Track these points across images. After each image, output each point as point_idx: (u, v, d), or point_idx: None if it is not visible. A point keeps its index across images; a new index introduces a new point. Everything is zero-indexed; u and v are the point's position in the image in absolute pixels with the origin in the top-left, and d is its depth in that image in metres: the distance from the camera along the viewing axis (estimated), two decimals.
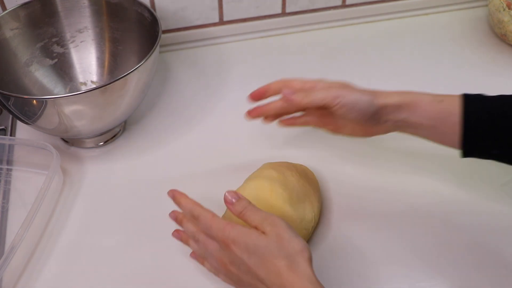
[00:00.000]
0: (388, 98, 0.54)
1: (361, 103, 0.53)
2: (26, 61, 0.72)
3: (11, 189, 0.66)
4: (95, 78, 0.76)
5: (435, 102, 0.52)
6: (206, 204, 0.62)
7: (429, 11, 0.91)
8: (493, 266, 0.56)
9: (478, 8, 0.92)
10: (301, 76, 0.59)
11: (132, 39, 0.74)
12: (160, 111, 0.76)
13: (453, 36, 0.87)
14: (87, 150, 0.70)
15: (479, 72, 0.80)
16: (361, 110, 0.54)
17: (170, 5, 0.81)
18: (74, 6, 0.74)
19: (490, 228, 0.59)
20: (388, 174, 0.65)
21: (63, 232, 0.61)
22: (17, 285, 0.56)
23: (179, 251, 0.58)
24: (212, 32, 0.86)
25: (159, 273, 0.57)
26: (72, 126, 0.63)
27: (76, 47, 0.76)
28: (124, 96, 0.63)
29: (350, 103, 0.53)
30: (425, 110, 0.52)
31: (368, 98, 0.54)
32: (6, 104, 0.61)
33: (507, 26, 0.81)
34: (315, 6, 0.87)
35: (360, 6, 0.88)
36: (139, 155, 0.70)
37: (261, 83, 0.79)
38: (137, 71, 0.61)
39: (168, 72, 0.82)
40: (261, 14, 0.86)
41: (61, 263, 0.58)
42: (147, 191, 0.65)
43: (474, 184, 0.64)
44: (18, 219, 0.61)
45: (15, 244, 0.54)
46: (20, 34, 0.71)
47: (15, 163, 0.68)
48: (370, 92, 0.55)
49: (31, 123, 0.63)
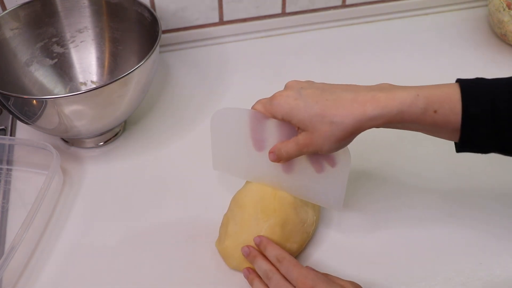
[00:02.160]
0: (373, 123, 0.47)
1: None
2: (26, 61, 0.72)
3: (11, 189, 0.66)
4: (95, 78, 0.76)
5: (430, 113, 0.46)
6: (206, 204, 0.63)
7: (429, 11, 0.92)
8: (493, 265, 0.56)
9: (478, 8, 0.92)
10: (301, 76, 0.58)
11: (132, 39, 0.74)
12: (160, 111, 0.76)
13: (453, 36, 0.87)
14: (87, 150, 0.70)
15: (479, 72, 0.78)
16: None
17: (170, 5, 0.81)
18: (74, 6, 0.74)
19: (491, 226, 0.59)
20: (388, 174, 0.65)
21: (63, 232, 0.61)
22: (17, 285, 0.56)
23: (179, 251, 0.58)
24: (212, 32, 0.86)
25: (159, 273, 0.57)
26: (72, 126, 0.63)
27: (76, 47, 0.76)
28: (124, 96, 0.63)
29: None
30: (418, 122, 0.47)
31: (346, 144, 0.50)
32: (6, 104, 0.61)
33: (507, 26, 0.81)
34: (315, 6, 0.87)
35: (360, 6, 0.88)
36: (139, 155, 0.70)
37: (261, 83, 0.79)
38: (137, 71, 0.61)
39: (168, 72, 0.82)
40: (261, 14, 0.86)
41: (61, 263, 0.58)
42: (147, 191, 0.65)
43: (474, 180, 0.64)
44: (18, 219, 0.61)
45: (15, 244, 0.54)
46: (20, 34, 0.71)
47: (15, 163, 0.68)
48: (349, 135, 0.48)
49: (31, 123, 0.63)
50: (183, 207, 0.63)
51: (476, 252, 0.57)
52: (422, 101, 0.46)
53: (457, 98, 0.45)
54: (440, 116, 0.46)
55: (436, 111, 0.46)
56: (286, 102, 0.49)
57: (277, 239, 0.54)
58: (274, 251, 0.52)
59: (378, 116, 0.46)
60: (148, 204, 0.63)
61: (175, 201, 0.63)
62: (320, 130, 0.47)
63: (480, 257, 0.56)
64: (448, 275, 0.55)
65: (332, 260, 0.57)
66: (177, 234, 0.60)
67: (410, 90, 0.46)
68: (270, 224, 0.54)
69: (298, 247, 0.56)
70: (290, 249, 0.55)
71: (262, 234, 0.54)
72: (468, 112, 0.45)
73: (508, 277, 0.55)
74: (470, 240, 0.58)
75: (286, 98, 0.49)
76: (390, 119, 0.46)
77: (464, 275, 0.55)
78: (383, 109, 0.46)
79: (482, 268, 0.55)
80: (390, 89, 0.47)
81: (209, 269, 0.56)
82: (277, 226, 0.54)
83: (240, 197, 0.57)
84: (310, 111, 0.47)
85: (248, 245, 0.54)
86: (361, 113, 0.46)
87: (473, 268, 0.55)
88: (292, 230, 0.55)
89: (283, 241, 0.54)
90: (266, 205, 0.56)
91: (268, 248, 0.53)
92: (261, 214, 0.55)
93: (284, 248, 0.54)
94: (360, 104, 0.46)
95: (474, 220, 0.60)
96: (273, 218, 0.55)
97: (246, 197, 0.57)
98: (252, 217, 0.55)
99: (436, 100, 0.46)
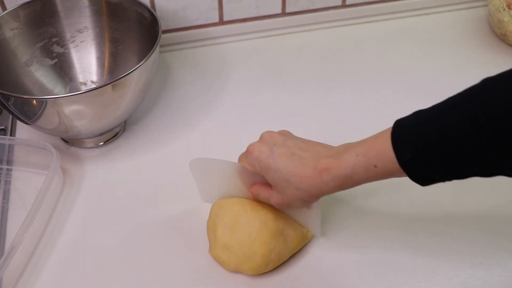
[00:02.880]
0: (331, 189, 0.49)
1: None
2: (26, 61, 0.72)
3: (11, 189, 0.66)
4: (95, 78, 0.76)
5: (371, 168, 0.46)
6: (207, 205, 0.62)
7: (429, 11, 0.92)
8: (493, 264, 0.56)
9: (478, 8, 0.92)
10: (301, 76, 0.58)
11: (132, 39, 0.74)
12: (160, 111, 0.76)
13: (453, 36, 0.87)
14: (87, 150, 0.70)
15: (479, 72, 0.78)
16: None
17: (170, 5, 0.81)
18: (74, 6, 0.74)
19: (491, 225, 0.59)
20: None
21: (63, 232, 0.61)
22: (17, 285, 0.56)
23: (179, 251, 0.58)
24: (212, 32, 0.86)
25: (159, 273, 0.57)
26: (72, 126, 0.63)
27: (76, 47, 0.76)
28: (124, 96, 0.63)
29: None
30: (367, 179, 0.48)
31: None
32: (6, 104, 0.61)
33: (507, 26, 0.81)
34: (315, 6, 0.87)
35: (360, 6, 0.88)
36: (139, 155, 0.70)
37: (261, 83, 0.79)
38: (137, 71, 0.61)
39: (168, 72, 0.82)
40: (261, 14, 0.86)
41: (61, 263, 0.58)
42: (147, 191, 0.65)
43: (473, 179, 0.64)
44: (18, 219, 0.61)
45: (15, 244, 0.54)
46: (20, 34, 0.71)
47: (15, 163, 0.68)
48: (314, 198, 0.51)
49: (31, 123, 0.63)
50: (183, 208, 0.63)
51: (476, 252, 0.57)
52: (361, 160, 0.47)
53: (388, 148, 0.45)
54: (381, 169, 0.46)
55: (376, 166, 0.46)
56: (259, 158, 0.52)
57: (271, 233, 0.54)
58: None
59: (331, 182, 0.48)
60: (148, 204, 0.63)
61: (175, 202, 0.63)
62: (288, 193, 0.51)
63: (480, 257, 0.56)
64: (448, 275, 0.55)
65: (330, 258, 0.57)
66: (176, 234, 0.60)
67: (352, 151, 0.48)
68: (262, 218, 0.55)
69: (297, 242, 0.56)
70: (287, 244, 0.55)
71: (255, 228, 0.54)
72: (403, 159, 0.44)
73: (508, 277, 0.55)
74: (470, 240, 0.58)
75: (259, 154, 0.52)
76: (342, 183, 0.48)
77: (464, 275, 0.55)
78: (334, 177, 0.48)
79: (482, 268, 0.55)
80: (341, 153, 0.49)
81: (208, 270, 0.56)
82: (269, 220, 0.55)
83: (224, 201, 0.58)
84: (279, 175, 0.50)
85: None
86: (320, 181, 0.49)
87: (473, 268, 0.55)
88: (286, 224, 0.56)
89: (278, 233, 0.55)
90: (254, 203, 0.56)
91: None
92: (250, 211, 0.55)
93: (278, 245, 0.54)
94: (319, 172, 0.48)
95: (474, 220, 0.60)
96: (264, 212, 0.55)
97: (231, 200, 0.57)
98: (241, 215, 0.55)
99: (373, 155, 0.46)
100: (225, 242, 0.54)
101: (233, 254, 0.54)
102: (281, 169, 0.50)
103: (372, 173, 0.47)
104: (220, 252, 0.55)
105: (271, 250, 0.54)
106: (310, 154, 0.50)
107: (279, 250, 0.55)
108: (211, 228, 0.57)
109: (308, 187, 0.49)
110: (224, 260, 0.55)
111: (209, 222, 0.58)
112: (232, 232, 0.54)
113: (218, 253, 0.55)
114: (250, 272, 0.55)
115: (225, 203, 0.57)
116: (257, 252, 0.53)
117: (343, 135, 0.69)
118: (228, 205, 0.57)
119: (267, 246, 0.54)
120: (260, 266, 0.54)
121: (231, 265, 0.55)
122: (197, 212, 0.62)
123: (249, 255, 0.54)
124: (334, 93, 0.78)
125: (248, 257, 0.54)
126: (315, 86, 0.79)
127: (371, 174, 0.47)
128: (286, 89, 0.78)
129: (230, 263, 0.55)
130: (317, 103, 0.76)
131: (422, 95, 0.75)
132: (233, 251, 0.54)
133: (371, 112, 0.74)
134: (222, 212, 0.56)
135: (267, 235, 0.54)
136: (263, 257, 0.54)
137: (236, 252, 0.54)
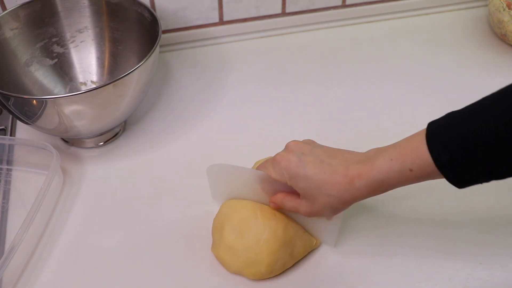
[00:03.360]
0: (363, 195, 0.50)
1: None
2: (26, 61, 0.72)
3: (11, 189, 0.66)
4: (95, 78, 0.76)
5: (406, 172, 0.46)
6: (207, 205, 0.62)
7: (429, 11, 0.92)
8: (493, 264, 0.56)
9: (478, 8, 0.92)
10: (300, 76, 0.58)
11: (132, 39, 0.74)
12: (160, 111, 0.76)
13: (453, 36, 0.87)
14: (87, 150, 0.70)
15: (479, 72, 0.80)
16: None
17: (170, 5, 0.81)
18: (74, 6, 0.74)
19: (491, 225, 0.59)
20: None
21: (63, 232, 0.61)
22: (17, 285, 0.56)
23: (179, 251, 0.58)
24: (212, 32, 0.86)
25: (159, 272, 0.57)
26: (72, 126, 0.63)
27: (76, 47, 0.76)
28: (124, 96, 0.63)
29: None
30: (402, 183, 0.48)
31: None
32: (6, 104, 0.61)
33: (507, 26, 0.81)
34: (315, 6, 0.87)
35: (360, 6, 0.88)
36: (139, 155, 0.70)
37: (261, 83, 0.79)
38: (137, 71, 0.61)
39: (168, 72, 0.82)
40: (261, 14, 0.86)
41: (61, 263, 0.58)
42: (147, 191, 0.65)
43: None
44: (18, 219, 0.60)
45: (15, 244, 0.54)
46: (20, 34, 0.71)
47: (15, 163, 0.68)
48: (346, 205, 0.51)
49: (31, 123, 0.63)
50: (183, 208, 0.63)
51: (476, 252, 0.57)
52: (395, 164, 0.46)
53: (424, 151, 0.44)
54: (417, 173, 0.46)
55: (412, 169, 0.46)
56: (288, 168, 0.51)
57: (279, 243, 0.53)
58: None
59: (363, 187, 0.48)
60: (148, 204, 0.63)
61: (175, 202, 0.63)
62: (319, 200, 0.51)
63: (480, 257, 0.56)
64: (448, 275, 0.55)
65: (333, 261, 0.57)
66: (177, 234, 0.60)
67: (385, 155, 0.47)
68: (272, 227, 0.54)
69: (303, 251, 0.56)
70: (293, 254, 0.55)
71: (264, 237, 0.53)
72: (440, 161, 0.44)
73: (508, 277, 0.55)
74: (470, 240, 0.58)
75: (288, 163, 0.51)
76: (375, 188, 0.48)
77: (464, 275, 0.55)
78: (366, 182, 0.48)
79: (482, 268, 0.55)
80: (371, 158, 0.48)
81: (209, 271, 0.56)
82: (279, 230, 0.54)
83: (235, 202, 0.57)
84: (310, 183, 0.50)
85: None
86: (352, 187, 0.48)
87: (473, 268, 0.55)
88: (296, 234, 0.55)
89: (286, 245, 0.54)
90: (265, 209, 0.55)
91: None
92: (261, 217, 0.54)
93: (285, 255, 0.54)
94: (350, 179, 0.48)
95: (474, 220, 0.60)
96: (274, 221, 0.54)
97: (241, 202, 0.57)
98: (251, 219, 0.54)
99: (407, 159, 0.46)
100: (230, 243, 0.54)
101: (236, 257, 0.54)
102: (311, 177, 0.50)
103: (407, 177, 0.46)
104: (223, 253, 0.55)
105: (277, 260, 0.54)
106: (339, 161, 0.50)
107: (285, 261, 0.54)
108: (217, 227, 0.57)
109: (339, 193, 0.49)
110: (226, 261, 0.55)
111: (216, 221, 0.57)
112: (239, 235, 0.54)
113: (221, 253, 0.55)
114: (251, 277, 0.54)
115: (235, 205, 0.56)
116: (262, 260, 0.53)
117: (343, 135, 0.69)
118: (238, 207, 0.56)
119: (274, 255, 0.53)
120: (263, 274, 0.54)
121: (232, 267, 0.55)
122: (197, 212, 0.62)
123: (254, 261, 0.53)
124: (334, 93, 0.77)
125: (252, 263, 0.53)
126: (315, 86, 0.79)
127: (406, 178, 0.47)
128: (286, 89, 0.78)
129: (232, 265, 0.54)
130: (317, 103, 0.76)
131: (422, 95, 0.75)
132: (237, 254, 0.54)
133: (371, 112, 0.74)
134: (231, 213, 0.56)
135: (275, 245, 0.53)
136: (268, 265, 0.53)
137: (240, 256, 0.54)
